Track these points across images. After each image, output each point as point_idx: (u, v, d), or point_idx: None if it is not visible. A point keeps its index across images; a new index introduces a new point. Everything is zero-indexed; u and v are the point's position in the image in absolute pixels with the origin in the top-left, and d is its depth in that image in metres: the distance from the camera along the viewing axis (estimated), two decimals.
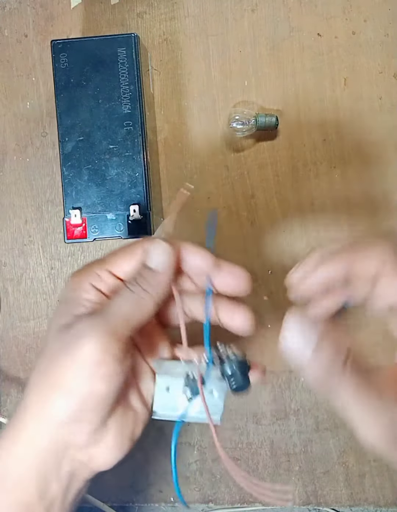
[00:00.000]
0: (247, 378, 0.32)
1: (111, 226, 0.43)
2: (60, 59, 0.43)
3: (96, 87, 0.43)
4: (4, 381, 0.52)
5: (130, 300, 0.31)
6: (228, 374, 0.32)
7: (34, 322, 0.52)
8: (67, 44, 0.43)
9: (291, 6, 0.50)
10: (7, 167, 0.52)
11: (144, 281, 0.31)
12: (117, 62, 0.43)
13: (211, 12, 0.50)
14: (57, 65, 0.43)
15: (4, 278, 0.52)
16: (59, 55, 0.43)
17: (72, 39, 0.44)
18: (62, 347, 0.30)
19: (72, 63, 0.43)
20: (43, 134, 0.51)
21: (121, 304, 0.31)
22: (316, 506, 0.51)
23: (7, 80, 0.52)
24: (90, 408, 0.30)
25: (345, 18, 0.50)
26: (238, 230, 0.50)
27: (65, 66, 0.43)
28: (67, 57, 0.43)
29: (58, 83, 0.43)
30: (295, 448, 0.50)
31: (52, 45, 0.43)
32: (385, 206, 0.49)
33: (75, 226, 0.43)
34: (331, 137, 0.50)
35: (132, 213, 0.42)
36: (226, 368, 0.33)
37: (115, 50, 0.43)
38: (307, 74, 0.50)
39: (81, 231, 0.43)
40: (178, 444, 0.51)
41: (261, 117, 0.48)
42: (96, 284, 0.32)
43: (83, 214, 0.43)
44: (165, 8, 0.51)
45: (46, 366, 0.31)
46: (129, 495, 0.52)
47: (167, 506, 0.52)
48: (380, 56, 0.49)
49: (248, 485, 0.31)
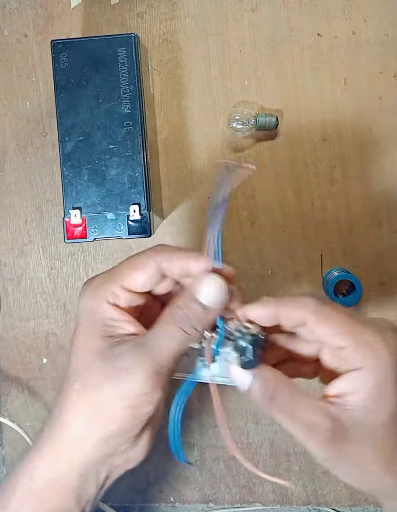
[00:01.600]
0: (257, 355, 0.32)
1: (111, 226, 0.43)
2: (60, 59, 0.43)
3: (96, 87, 0.43)
4: (4, 381, 0.52)
5: (177, 337, 0.31)
6: (241, 348, 0.32)
7: (34, 322, 0.52)
8: (67, 44, 0.43)
9: (291, 6, 0.50)
10: (7, 167, 0.52)
11: (195, 319, 0.31)
12: (117, 62, 0.43)
13: (211, 12, 0.50)
14: (57, 65, 0.43)
15: (4, 278, 0.52)
16: (59, 55, 0.43)
17: (72, 39, 0.44)
18: (108, 377, 0.31)
19: (72, 63, 0.43)
20: (43, 134, 0.51)
21: (167, 339, 0.31)
22: (316, 506, 0.51)
23: (7, 80, 0.52)
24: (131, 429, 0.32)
25: (345, 18, 0.50)
26: (238, 230, 0.50)
27: (65, 66, 0.43)
28: (67, 57, 0.43)
29: (58, 83, 0.43)
30: (295, 448, 0.50)
31: (52, 45, 0.43)
32: (385, 206, 0.49)
33: (75, 226, 0.43)
34: (331, 137, 0.50)
35: (132, 213, 0.42)
36: (240, 341, 0.32)
37: (115, 50, 0.43)
38: (307, 74, 0.50)
39: (81, 231, 0.43)
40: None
41: (261, 117, 0.48)
42: (114, 301, 0.33)
43: (83, 214, 0.43)
44: (165, 8, 0.51)
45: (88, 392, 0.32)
46: (129, 495, 0.52)
47: (167, 506, 0.52)
48: (380, 56, 0.49)
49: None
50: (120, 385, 0.31)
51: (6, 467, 0.52)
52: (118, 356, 0.31)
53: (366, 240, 0.49)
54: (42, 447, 0.33)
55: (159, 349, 0.31)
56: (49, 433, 0.33)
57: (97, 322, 0.32)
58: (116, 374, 0.31)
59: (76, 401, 0.32)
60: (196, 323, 0.31)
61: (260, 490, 0.51)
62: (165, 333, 0.31)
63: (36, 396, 0.52)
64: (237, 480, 0.51)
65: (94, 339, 0.32)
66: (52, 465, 0.32)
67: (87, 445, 0.32)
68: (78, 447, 0.32)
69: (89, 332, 0.33)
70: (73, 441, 0.32)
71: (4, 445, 0.53)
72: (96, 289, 0.33)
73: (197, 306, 0.31)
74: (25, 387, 0.52)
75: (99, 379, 0.31)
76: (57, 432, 0.32)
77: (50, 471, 0.32)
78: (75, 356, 0.33)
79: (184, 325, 0.31)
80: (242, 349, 0.32)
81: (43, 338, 0.52)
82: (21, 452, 0.52)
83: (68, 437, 0.32)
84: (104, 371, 0.31)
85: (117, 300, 0.33)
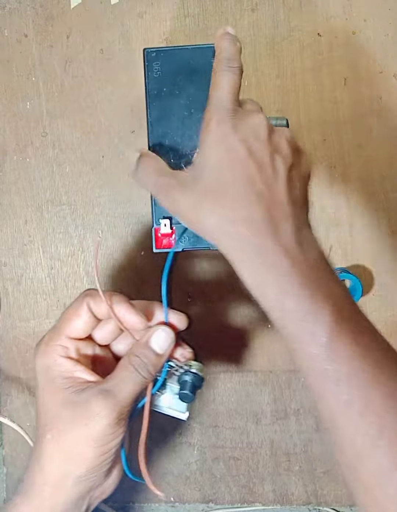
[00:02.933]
0: (193, 391, 0.39)
1: (200, 237, 0.41)
2: (153, 68, 0.42)
3: (189, 97, 0.42)
4: (4, 381, 0.52)
5: (137, 381, 0.37)
6: (182, 381, 0.39)
7: (34, 322, 0.52)
8: (160, 53, 0.42)
9: (291, 6, 0.50)
10: (7, 167, 0.52)
11: (151, 366, 0.37)
12: (210, 72, 0.41)
13: (211, 12, 0.50)
14: (150, 74, 0.42)
15: (4, 278, 0.52)
16: (152, 63, 0.42)
17: (165, 48, 0.43)
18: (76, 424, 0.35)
19: (165, 72, 0.42)
20: (43, 134, 0.51)
21: (128, 384, 0.36)
22: (316, 506, 0.51)
23: (7, 80, 0.52)
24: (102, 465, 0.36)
25: (345, 18, 0.50)
26: None
27: (158, 75, 0.42)
28: (160, 65, 0.42)
29: (150, 92, 0.42)
30: (295, 448, 0.51)
31: (145, 53, 0.42)
32: (385, 206, 0.49)
33: (164, 235, 0.42)
34: (331, 137, 0.50)
35: None
36: (183, 376, 0.39)
37: (209, 60, 0.41)
38: (307, 74, 0.50)
39: (169, 241, 0.42)
40: (178, 444, 0.51)
41: (272, 121, 0.47)
42: (66, 354, 0.37)
43: (173, 224, 0.42)
44: (165, 8, 0.51)
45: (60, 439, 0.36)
46: (129, 495, 0.52)
47: (167, 506, 0.52)
48: (380, 56, 0.49)
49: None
50: (89, 430, 0.35)
51: (6, 467, 0.52)
52: (83, 403, 0.35)
53: (366, 240, 0.49)
54: (26, 492, 0.36)
55: (123, 394, 0.36)
56: (30, 479, 0.36)
57: (55, 377, 0.37)
58: (84, 420, 0.35)
59: (51, 448, 0.36)
60: (151, 368, 0.37)
61: (260, 490, 0.51)
62: (126, 377, 0.36)
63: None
64: (237, 480, 0.51)
65: (56, 392, 0.36)
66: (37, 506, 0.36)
67: (66, 485, 0.35)
68: (58, 488, 0.36)
69: (49, 388, 0.37)
70: (53, 483, 0.36)
71: (4, 445, 0.53)
72: (47, 347, 0.37)
73: (151, 353, 0.37)
74: (25, 387, 0.52)
75: (68, 427, 0.36)
76: (38, 477, 0.36)
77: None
78: (43, 411, 0.37)
79: (141, 370, 0.36)
80: (182, 383, 0.39)
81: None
82: (21, 452, 0.52)
83: (49, 481, 0.36)
84: (72, 418, 0.35)
85: (67, 352, 0.37)
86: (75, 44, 0.51)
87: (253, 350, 0.50)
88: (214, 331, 0.51)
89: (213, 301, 0.51)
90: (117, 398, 0.35)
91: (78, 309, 0.38)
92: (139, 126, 0.51)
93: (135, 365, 0.36)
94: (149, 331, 0.38)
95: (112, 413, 0.35)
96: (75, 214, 0.51)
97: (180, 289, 0.50)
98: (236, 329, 0.51)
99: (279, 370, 0.50)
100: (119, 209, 0.51)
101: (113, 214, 0.51)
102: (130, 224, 0.51)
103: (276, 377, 0.50)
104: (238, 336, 0.51)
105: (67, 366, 0.37)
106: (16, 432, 0.50)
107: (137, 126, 0.51)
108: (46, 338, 0.38)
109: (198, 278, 0.50)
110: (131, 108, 0.51)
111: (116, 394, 0.35)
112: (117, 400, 0.35)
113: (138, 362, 0.37)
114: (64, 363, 0.37)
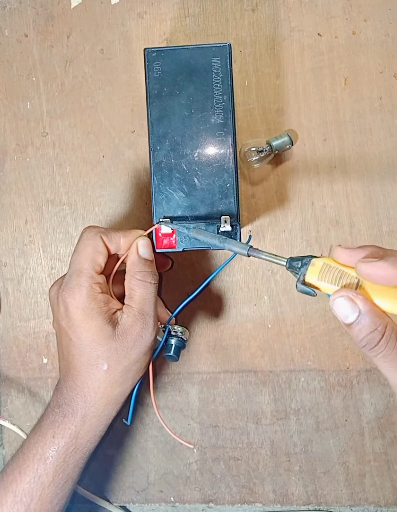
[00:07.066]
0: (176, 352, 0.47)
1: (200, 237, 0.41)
2: (153, 68, 0.42)
3: (189, 97, 0.42)
4: (4, 381, 0.52)
5: (153, 290, 0.41)
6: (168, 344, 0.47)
7: (34, 322, 0.52)
8: (161, 53, 0.42)
9: (291, 6, 0.50)
10: (7, 167, 0.52)
11: (152, 272, 0.42)
12: (211, 72, 0.42)
13: (211, 12, 0.50)
14: (150, 74, 0.42)
15: (4, 278, 0.52)
16: (153, 63, 0.42)
17: (166, 48, 0.43)
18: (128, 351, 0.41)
19: (166, 71, 0.42)
20: (43, 134, 0.51)
21: (150, 298, 0.41)
22: (317, 506, 0.51)
23: (7, 80, 0.52)
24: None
25: (345, 18, 0.50)
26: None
27: (158, 74, 0.42)
28: (161, 65, 0.42)
29: (151, 92, 0.42)
30: (295, 448, 0.51)
31: (146, 53, 0.42)
32: (385, 206, 0.49)
33: (165, 235, 0.42)
34: (331, 137, 0.50)
35: (222, 224, 0.41)
36: (169, 340, 0.47)
37: (210, 60, 0.42)
38: (307, 74, 0.50)
39: (170, 241, 0.42)
40: (178, 444, 0.51)
41: (274, 141, 0.48)
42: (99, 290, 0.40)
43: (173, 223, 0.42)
44: (165, 8, 0.51)
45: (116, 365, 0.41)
46: (129, 495, 0.52)
47: (167, 506, 0.52)
48: (380, 56, 0.49)
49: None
50: (139, 354, 0.41)
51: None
52: (129, 330, 0.40)
53: (366, 240, 0.49)
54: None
55: (149, 308, 0.41)
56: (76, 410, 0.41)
57: (96, 313, 0.39)
58: (135, 348, 0.40)
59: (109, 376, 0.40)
60: (153, 274, 0.42)
61: (260, 490, 0.51)
62: (146, 294, 0.41)
63: (36, 396, 0.52)
64: (237, 480, 0.51)
65: (101, 329, 0.39)
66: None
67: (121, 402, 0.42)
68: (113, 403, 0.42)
69: (90, 325, 0.39)
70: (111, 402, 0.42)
71: (4, 445, 0.53)
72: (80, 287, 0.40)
73: (147, 263, 0.41)
74: (25, 387, 0.52)
75: (122, 355, 0.40)
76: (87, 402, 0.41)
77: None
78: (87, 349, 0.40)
79: (151, 279, 0.41)
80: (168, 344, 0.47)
81: (43, 338, 0.52)
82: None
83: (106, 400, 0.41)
84: (125, 349, 0.40)
85: (101, 286, 0.40)
86: (76, 44, 0.51)
87: (253, 350, 0.50)
88: (214, 331, 0.51)
89: (213, 301, 0.51)
90: (149, 315, 0.40)
91: (98, 247, 0.40)
92: (139, 126, 0.51)
93: (146, 279, 0.41)
94: (132, 246, 0.42)
95: (153, 333, 0.41)
96: (76, 214, 0.51)
97: (180, 289, 0.50)
98: (236, 329, 0.51)
99: (279, 370, 0.50)
100: (119, 209, 0.51)
101: (113, 214, 0.51)
102: (130, 224, 0.51)
103: (276, 377, 0.50)
104: (238, 336, 0.51)
105: (105, 300, 0.40)
106: (16, 432, 0.50)
107: (137, 126, 0.51)
108: (74, 280, 0.40)
109: (198, 278, 0.50)
110: (131, 108, 0.51)
111: (148, 312, 0.41)
112: (150, 317, 0.41)
113: (144, 275, 0.41)
114: (103, 298, 0.40)
